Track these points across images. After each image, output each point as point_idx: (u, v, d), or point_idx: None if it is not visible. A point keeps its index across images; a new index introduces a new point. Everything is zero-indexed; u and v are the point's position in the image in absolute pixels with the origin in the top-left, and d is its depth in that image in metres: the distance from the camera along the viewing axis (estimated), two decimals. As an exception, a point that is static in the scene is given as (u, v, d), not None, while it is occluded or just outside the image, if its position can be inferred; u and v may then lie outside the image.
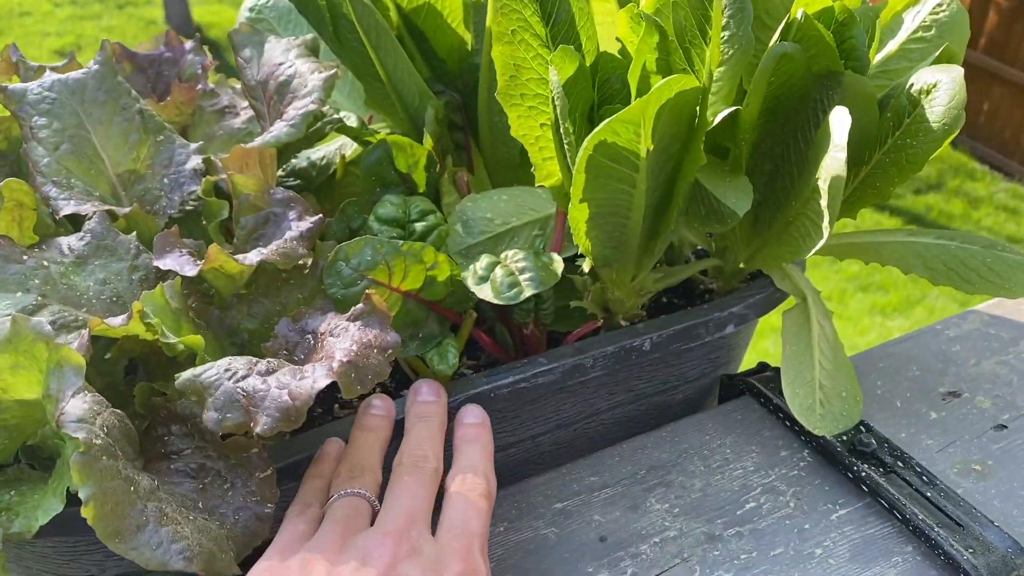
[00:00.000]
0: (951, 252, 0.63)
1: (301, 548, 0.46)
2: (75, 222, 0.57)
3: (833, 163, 0.50)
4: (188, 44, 0.72)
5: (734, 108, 0.54)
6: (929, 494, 0.59)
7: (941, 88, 0.55)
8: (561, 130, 0.51)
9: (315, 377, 0.43)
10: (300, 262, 0.54)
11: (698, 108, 0.51)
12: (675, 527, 0.59)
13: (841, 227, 0.66)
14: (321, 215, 0.54)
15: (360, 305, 0.48)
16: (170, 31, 0.71)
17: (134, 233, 0.54)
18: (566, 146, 0.51)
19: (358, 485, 0.49)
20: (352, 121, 0.64)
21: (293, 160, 0.69)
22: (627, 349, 0.62)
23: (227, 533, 0.45)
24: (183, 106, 0.67)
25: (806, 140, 0.58)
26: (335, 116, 0.64)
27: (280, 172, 0.69)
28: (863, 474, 0.61)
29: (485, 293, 0.54)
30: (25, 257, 0.50)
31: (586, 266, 0.58)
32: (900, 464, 0.62)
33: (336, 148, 0.67)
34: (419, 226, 0.58)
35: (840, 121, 0.51)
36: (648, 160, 0.50)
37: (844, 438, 0.64)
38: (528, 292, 0.54)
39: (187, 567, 0.42)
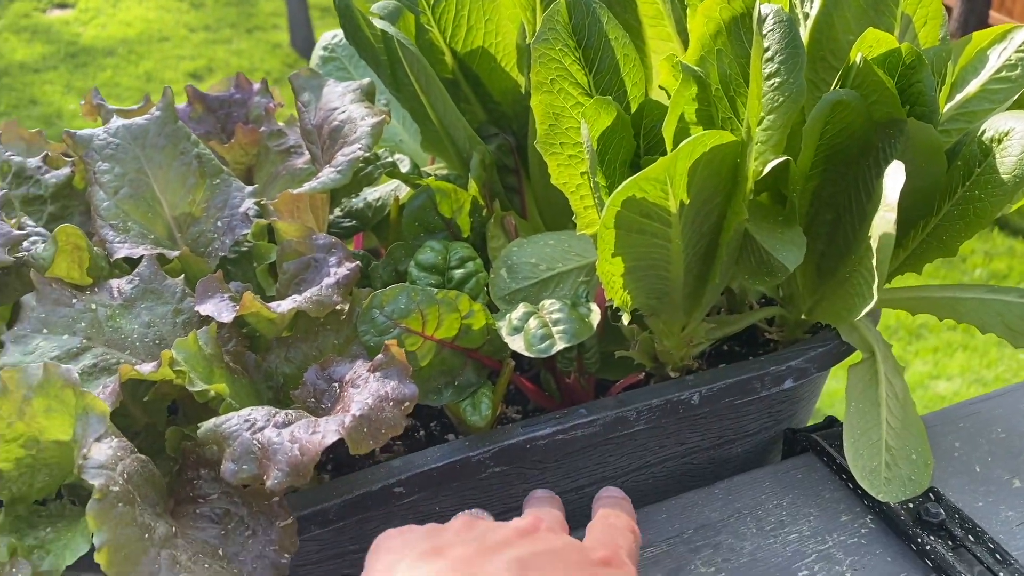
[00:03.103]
0: (1034, 311, 0.58)
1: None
2: (134, 264, 0.59)
3: (882, 223, 0.46)
4: (256, 86, 0.74)
5: (784, 158, 0.51)
6: (1001, 574, 0.55)
7: (1014, 137, 0.51)
8: (591, 183, 0.49)
9: (324, 432, 0.43)
10: (337, 307, 0.55)
11: (739, 161, 0.49)
12: (717, 594, 0.56)
13: (915, 279, 0.62)
14: (358, 263, 0.54)
15: (380, 356, 0.48)
16: (240, 74, 0.74)
17: (182, 276, 0.56)
18: (596, 200, 0.50)
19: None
20: (405, 165, 0.64)
21: (352, 199, 0.70)
22: (674, 403, 0.59)
23: (243, 582, 0.46)
24: (248, 147, 0.69)
25: (867, 191, 0.55)
26: (388, 159, 0.64)
27: (338, 211, 0.70)
28: (928, 547, 0.57)
29: (517, 344, 0.53)
30: (74, 300, 0.52)
31: (625, 320, 0.56)
32: (971, 538, 0.57)
33: (391, 189, 0.68)
34: (458, 273, 0.58)
35: (894, 179, 0.47)
36: (682, 215, 0.48)
37: (910, 505, 0.60)
38: (560, 345, 0.52)
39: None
